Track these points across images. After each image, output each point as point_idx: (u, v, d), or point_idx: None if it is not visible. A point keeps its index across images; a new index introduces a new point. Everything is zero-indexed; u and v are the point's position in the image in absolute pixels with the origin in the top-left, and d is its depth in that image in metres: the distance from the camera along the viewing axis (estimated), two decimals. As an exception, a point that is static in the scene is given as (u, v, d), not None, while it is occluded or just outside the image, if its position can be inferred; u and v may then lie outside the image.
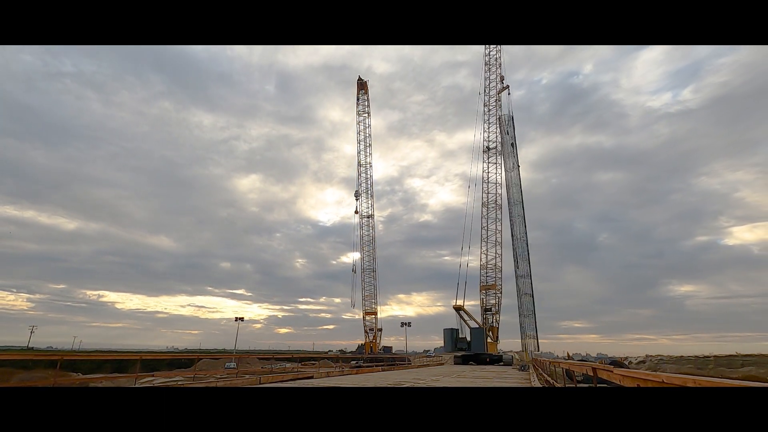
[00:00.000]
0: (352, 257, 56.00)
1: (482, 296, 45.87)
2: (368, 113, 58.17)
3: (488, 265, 45.90)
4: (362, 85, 59.00)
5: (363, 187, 56.56)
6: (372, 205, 56.38)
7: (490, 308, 45.19)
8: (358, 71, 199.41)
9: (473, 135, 47.87)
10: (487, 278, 45.83)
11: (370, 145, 57.51)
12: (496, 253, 45.70)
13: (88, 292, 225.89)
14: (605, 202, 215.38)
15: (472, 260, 46.22)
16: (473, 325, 45.30)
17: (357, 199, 56.31)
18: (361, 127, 57.70)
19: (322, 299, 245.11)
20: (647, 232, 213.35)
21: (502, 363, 35.85)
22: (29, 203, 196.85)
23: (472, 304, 46.32)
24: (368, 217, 56.06)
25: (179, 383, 18.58)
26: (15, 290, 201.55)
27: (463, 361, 41.50)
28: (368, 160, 57.20)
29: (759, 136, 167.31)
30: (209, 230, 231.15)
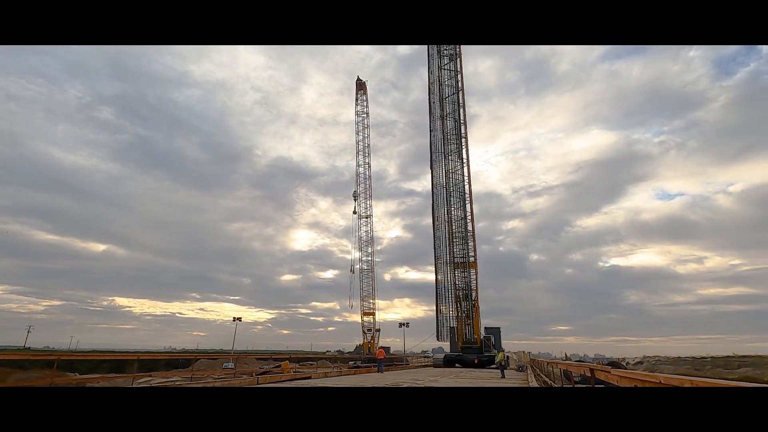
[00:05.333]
0: (352, 256, 55.91)
1: (457, 273, 37.15)
2: (367, 113, 58.12)
3: (457, 234, 37.41)
4: (361, 86, 58.98)
5: (362, 187, 56.49)
6: (370, 206, 56.32)
7: (469, 294, 36.01)
8: (307, 168, 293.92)
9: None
10: (455, 254, 37.57)
11: (368, 145, 57.47)
12: (467, 212, 37.47)
13: (106, 298, 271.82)
14: (519, 236, 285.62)
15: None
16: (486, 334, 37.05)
17: (355, 200, 56.19)
18: (360, 128, 57.64)
19: (312, 304, 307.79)
20: (563, 257, 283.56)
21: (495, 366, 26.28)
22: (71, 233, 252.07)
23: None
24: (366, 218, 56.00)
25: (177, 383, 18.52)
26: (35, 297, 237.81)
27: (446, 363, 32.48)
28: (367, 161, 57.15)
29: (598, 204, 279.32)
30: (212, 255, 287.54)
